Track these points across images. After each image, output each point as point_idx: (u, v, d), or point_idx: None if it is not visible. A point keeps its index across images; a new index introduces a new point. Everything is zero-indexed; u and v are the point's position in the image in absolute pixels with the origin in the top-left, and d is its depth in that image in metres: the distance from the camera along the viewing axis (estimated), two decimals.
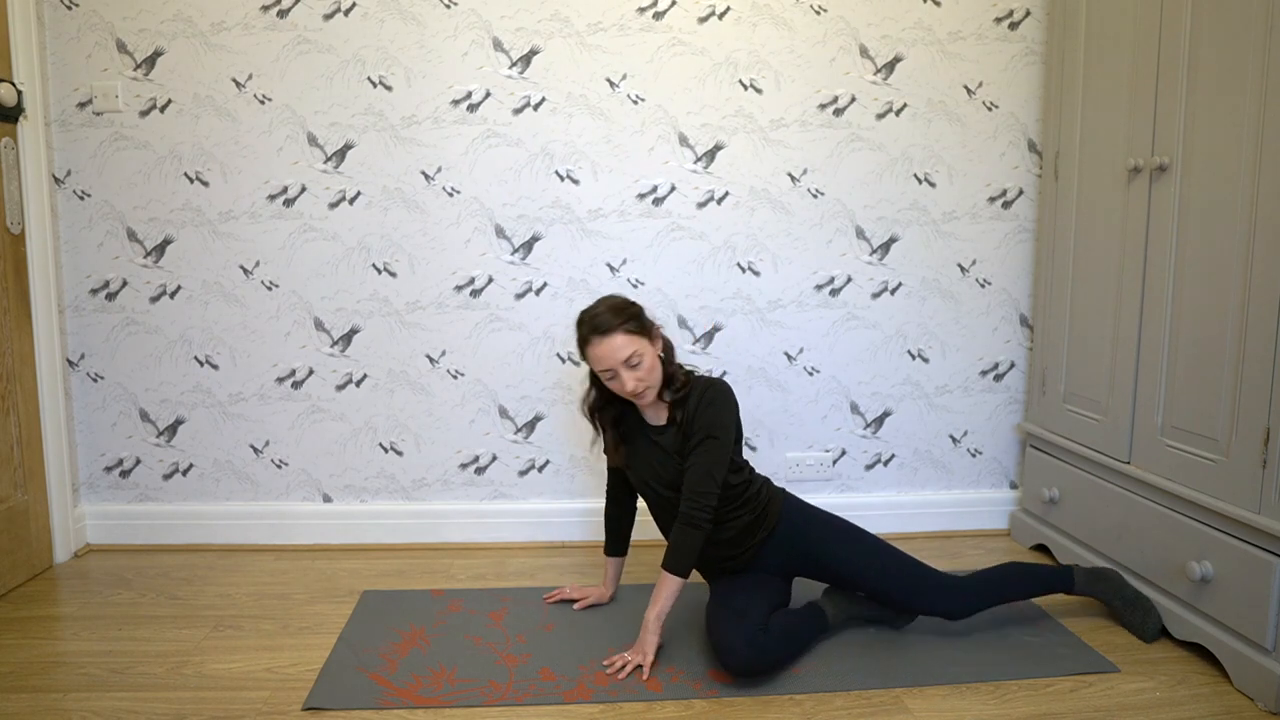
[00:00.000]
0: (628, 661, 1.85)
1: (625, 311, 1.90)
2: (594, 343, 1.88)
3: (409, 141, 2.52)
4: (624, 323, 1.88)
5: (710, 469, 1.86)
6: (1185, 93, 1.96)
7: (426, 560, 2.53)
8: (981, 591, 2.01)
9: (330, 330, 2.59)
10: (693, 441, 1.89)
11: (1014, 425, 2.77)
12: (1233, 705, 1.73)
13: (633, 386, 1.87)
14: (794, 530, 2.00)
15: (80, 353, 2.56)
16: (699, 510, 1.85)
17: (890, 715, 1.71)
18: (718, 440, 1.87)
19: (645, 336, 1.91)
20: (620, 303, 1.93)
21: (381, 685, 1.79)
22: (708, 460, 1.86)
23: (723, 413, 1.89)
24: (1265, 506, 1.72)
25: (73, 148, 2.47)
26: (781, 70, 2.57)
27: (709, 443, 1.87)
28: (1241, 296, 1.79)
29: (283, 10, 2.45)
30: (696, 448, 1.88)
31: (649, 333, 1.92)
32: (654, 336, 1.94)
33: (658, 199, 2.59)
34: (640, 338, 1.89)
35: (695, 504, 1.85)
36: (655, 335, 1.94)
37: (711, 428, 1.87)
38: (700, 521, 1.85)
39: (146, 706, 1.71)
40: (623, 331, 1.87)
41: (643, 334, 1.90)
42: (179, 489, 2.63)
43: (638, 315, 1.92)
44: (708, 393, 1.91)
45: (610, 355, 1.86)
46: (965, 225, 2.67)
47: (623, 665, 1.84)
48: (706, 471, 1.86)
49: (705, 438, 1.87)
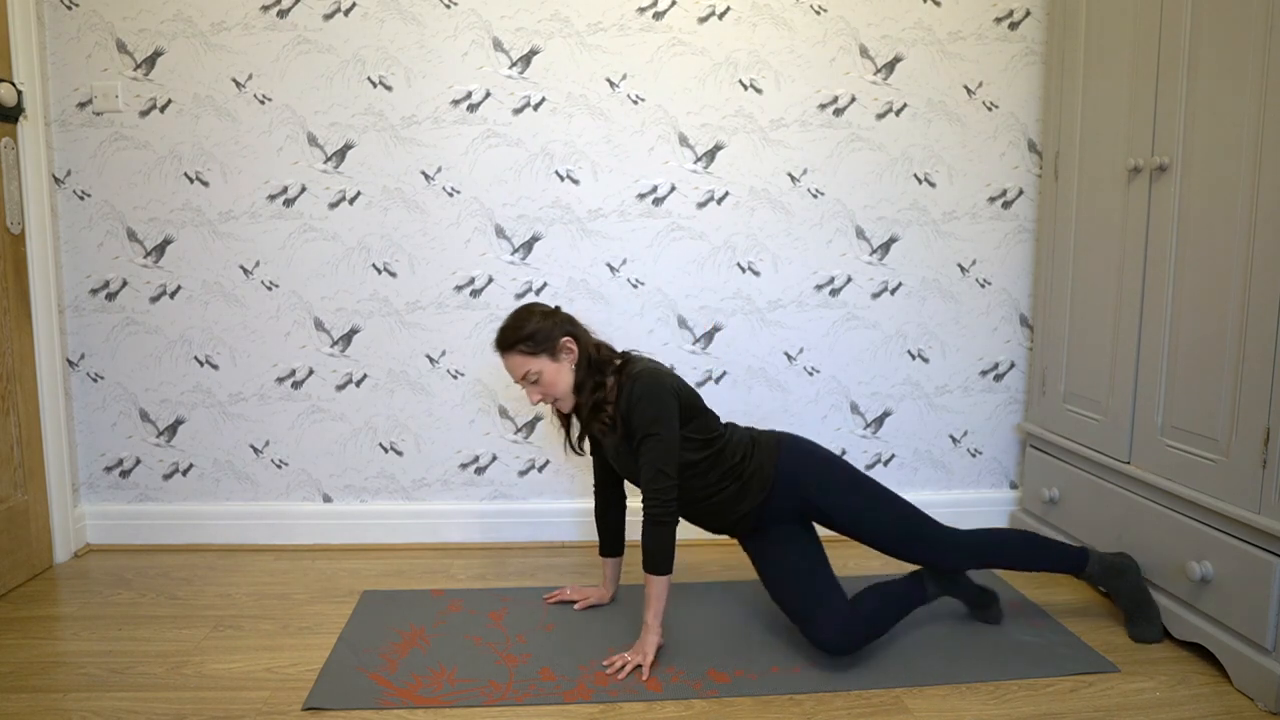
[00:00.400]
0: (627, 661, 1.85)
1: (521, 330, 1.94)
2: (500, 357, 1.98)
3: (409, 141, 2.52)
4: (517, 343, 1.94)
5: (658, 465, 1.85)
6: (1185, 93, 1.96)
7: (426, 560, 2.53)
8: (978, 550, 2.01)
9: (330, 330, 2.59)
10: (635, 443, 1.89)
11: (1014, 425, 2.77)
12: (1233, 705, 1.73)
13: (534, 400, 1.97)
14: (793, 485, 1.99)
15: (80, 353, 2.56)
16: (657, 506, 1.85)
17: (890, 715, 1.71)
18: (656, 436, 1.86)
19: (544, 354, 1.93)
20: (519, 320, 1.96)
21: (381, 685, 1.79)
22: (652, 457, 1.86)
23: (651, 407, 1.87)
24: (1265, 506, 1.72)
25: (73, 148, 2.47)
26: (781, 70, 2.57)
27: (649, 441, 1.86)
28: (1241, 296, 1.79)
29: (283, 10, 2.45)
30: (639, 448, 1.88)
31: (549, 349, 1.93)
32: (556, 351, 1.94)
33: (658, 199, 2.59)
34: (536, 357, 1.93)
35: (652, 501, 1.85)
36: (559, 349, 1.94)
37: (647, 426, 1.86)
38: (661, 517, 1.85)
39: (146, 706, 1.72)
40: (516, 352, 1.94)
41: (539, 353, 1.93)
42: (179, 489, 2.63)
43: (533, 335, 1.93)
44: (633, 392, 1.89)
45: (510, 371, 1.98)
46: (965, 225, 2.67)
47: (622, 665, 1.85)
48: (655, 469, 1.85)
49: (644, 437, 1.87)
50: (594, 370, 1.96)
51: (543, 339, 1.94)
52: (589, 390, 1.95)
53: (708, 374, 2.67)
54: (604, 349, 2.01)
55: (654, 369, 1.93)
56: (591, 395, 1.95)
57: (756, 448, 2.01)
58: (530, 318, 1.96)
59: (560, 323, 1.97)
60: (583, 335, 1.99)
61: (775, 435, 2.05)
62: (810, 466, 2.01)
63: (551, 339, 1.94)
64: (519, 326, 1.95)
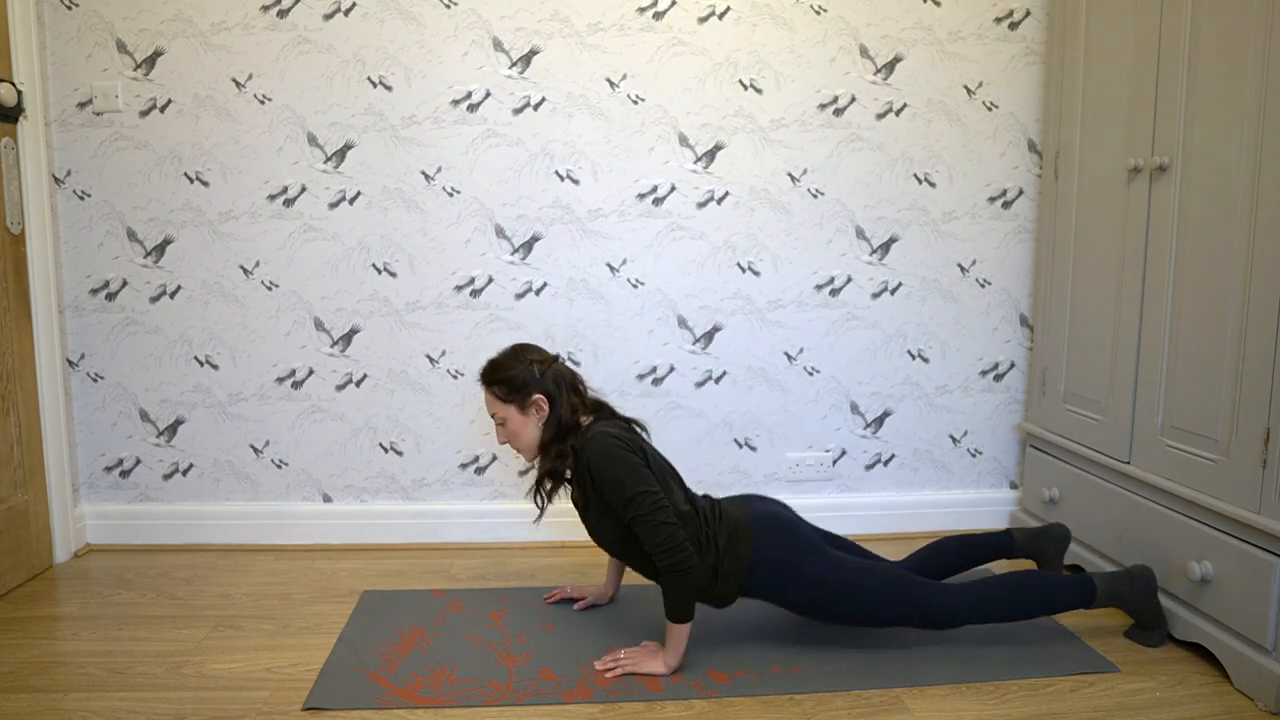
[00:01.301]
0: (620, 661, 1.84)
1: (500, 371, 1.93)
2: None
3: (409, 141, 2.52)
4: (494, 382, 1.93)
5: (653, 523, 1.76)
6: (1185, 93, 1.96)
7: (426, 560, 2.53)
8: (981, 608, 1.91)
9: (330, 330, 2.59)
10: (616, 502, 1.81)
11: (1014, 425, 2.77)
12: (1233, 705, 1.73)
13: (500, 440, 1.97)
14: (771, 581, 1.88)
15: (80, 353, 2.56)
16: (668, 557, 1.75)
17: (890, 715, 1.71)
18: (634, 499, 1.77)
19: (513, 404, 1.90)
20: (506, 360, 1.95)
21: (381, 685, 1.79)
22: (643, 517, 1.76)
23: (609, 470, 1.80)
24: (1265, 506, 1.72)
25: (73, 148, 2.47)
26: (781, 70, 2.57)
27: (631, 506, 1.78)
28: (1241, 296, 1.79)
29: (283, 10, 2.46)
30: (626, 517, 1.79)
31: (519, 400, 1.90)
32: (526, 405, 1.90)
33: (658, 199, 2.59)
34: (505, 403, 1.91)
35: (663, 556, 1.75)
36: (529, 404, 1.90)
37: (619, 495, 1.79)
38: (677, 566, 1.75)
39: (146, 706, 1.72)
40: (490, 390, 1.94)
41: (510, 400, 1.90)
42: (179, 489, 2.63)
43: (509, 380, 1.91)
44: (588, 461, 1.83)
45: (487, 407, 1.97)
46: (965, 225, 2.67)
47: (614, 664, 1.84)
48: (650, 526, 1.76)
49: (624, 505, 1.79)
50: (560, 436, 1.90)
51: (517, 388, 1.90)
52: (551, 455, 1.91)
53: (708, 374, 2.67)
54: (580, 412, 1.93)
55: (602, 433, 1.85)
56: (554, 459, 1.90)
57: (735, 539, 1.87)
58: (516, 362, 1.93)
59: (543, 378, 1.91)
60: (562, 397, 1.91)
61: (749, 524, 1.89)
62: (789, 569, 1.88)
63: (525, 391, 1.90)
64: (502, 366, 1.93)
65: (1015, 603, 1.93)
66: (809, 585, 1.88)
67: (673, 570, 1.76)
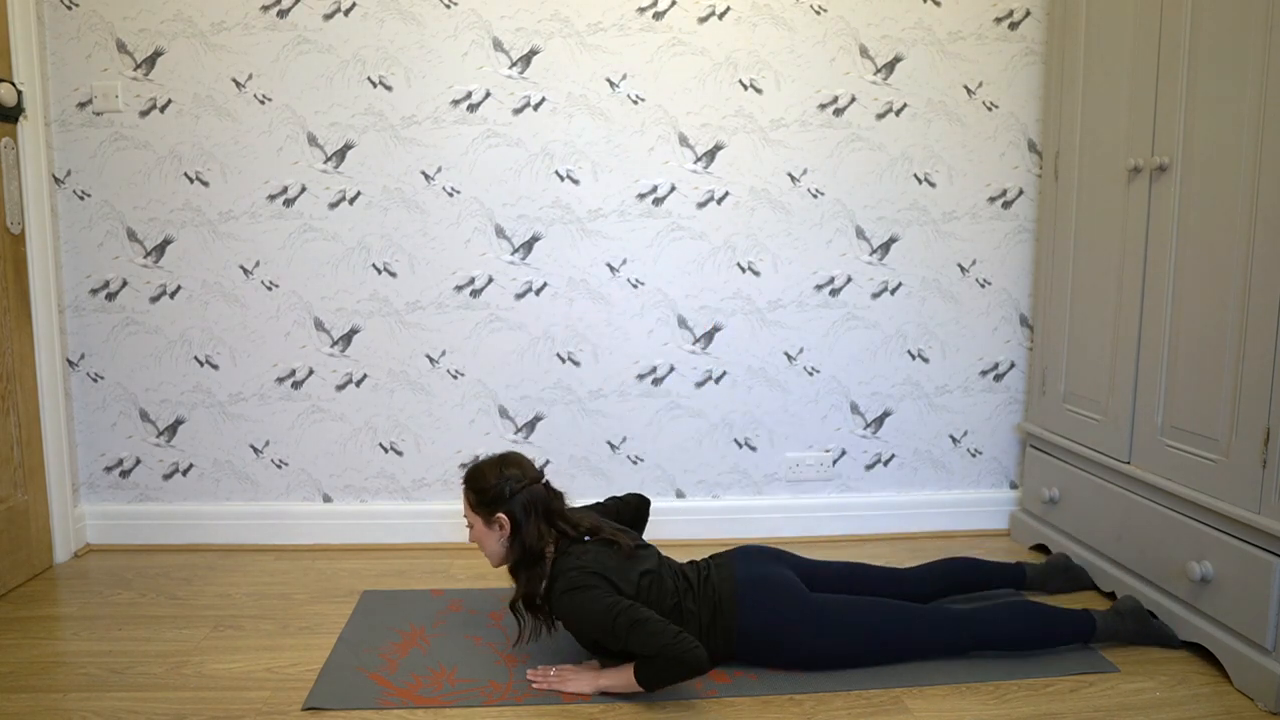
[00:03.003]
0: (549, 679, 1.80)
1: (477, 481, 1.89)
2: None
3: (409, 141, 2.52)
4: (469, 490, 1.91)
5: (646, 638, 1.67)
6: (1185, 93, 1.96)
7: (426, 560, 2.53)
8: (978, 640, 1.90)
9: (330, 330, 2.59)
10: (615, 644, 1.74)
11: (1014, 425, 2.77)
12: (1233, 705, 1.73)
13: (469, 540, 1.94)
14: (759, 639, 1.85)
15: (80, 353, 2.56)
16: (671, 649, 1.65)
17: (890, 715, 1.71)
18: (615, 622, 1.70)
19: (480, 514, 1.88)
20: (488, 468, 1.90)
21: (381, 685, 1.79)
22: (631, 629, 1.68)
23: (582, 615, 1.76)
24: (1265, 506, 1.72)
25: (73, 148, 2.47)
26: (781, 70, 2.57)
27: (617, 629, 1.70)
28: (1241, 296, 1.79)
29: (283, 10, 2.45)
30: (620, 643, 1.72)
31: (485, 513, 1.87)
32: (490, 520, 1.86)
33: (658, 199, 2.59)
34: (474, 511, 1.89)
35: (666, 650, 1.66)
36: (492, 520, 1.86)
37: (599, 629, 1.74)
38: (681, 656, 1.65)
39: (146, 706, 1.72)
40: (465, 497, 1.92)
41: (477, 510, 1.88)
42: (179, 489, 2.63)
43: (481, 490, 1.87)
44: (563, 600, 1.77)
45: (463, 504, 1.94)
46: (965, 225, 2.67)
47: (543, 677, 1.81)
48: (641, 635, 1.67)
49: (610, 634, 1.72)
50: (528, 560, 1.84)
51: (487, 500, 1.86)
52: (522, 580, 1.86)
53: (708, 374, 2.67)
54: (546, 540, 1.85)
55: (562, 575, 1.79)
56: (525, 585, 1.85)
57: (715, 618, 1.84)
58: (493, 474, 1.87)
59: (513, 498, 1.85)
60: (529, 523, 1.84)
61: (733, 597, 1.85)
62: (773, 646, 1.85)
63: (493, 506, 1.86)
64: (479, 475, 1.89)
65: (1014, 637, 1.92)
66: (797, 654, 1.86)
67: (675, 658, 1.66)
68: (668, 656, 1.65)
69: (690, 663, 1.65)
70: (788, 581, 1.89)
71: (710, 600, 1.85)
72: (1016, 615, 1.94)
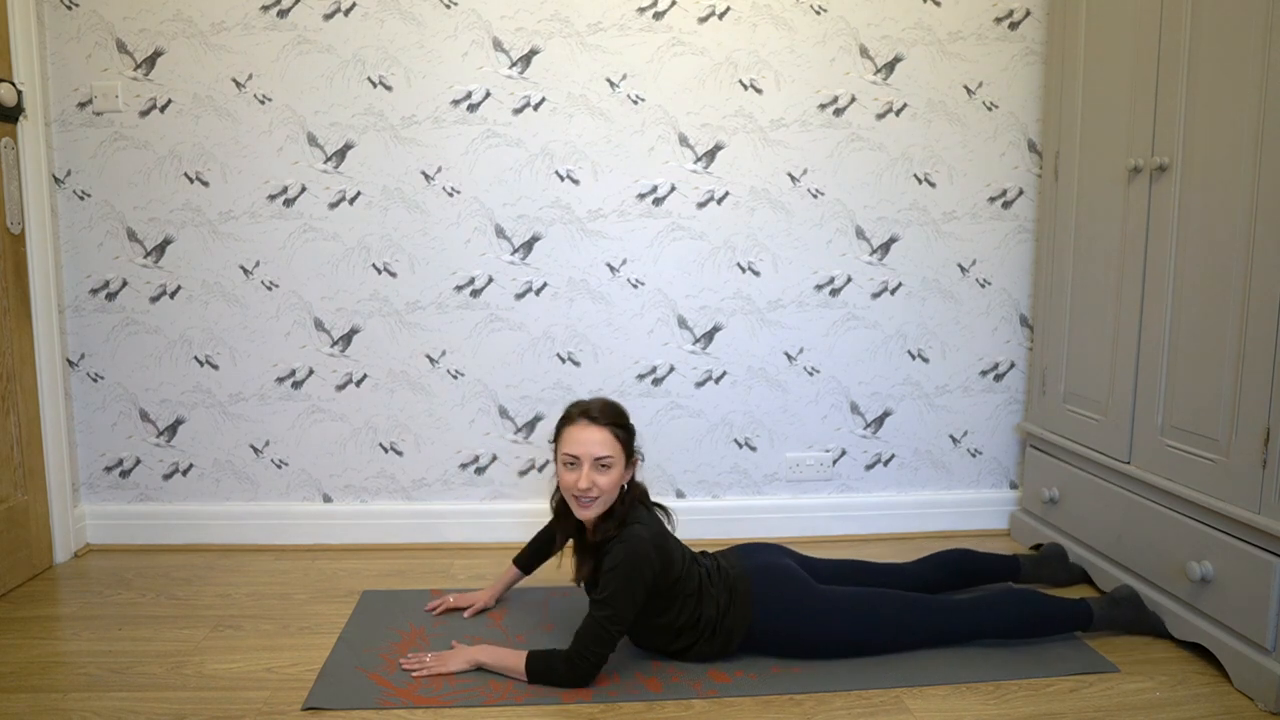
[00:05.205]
0: (426, 665, 1.84)
1: (623, 419, 1.89)
2: (580, 425, 1.84)
3: (409, 141, 2.52)
4: (617, 424, 1.86)
5: (600, 635, 1.74)
6: (1185, 93, 1.96)
7: (426, 560, 2.53)
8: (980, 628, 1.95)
9: (330, 330, 2.59)
10: (598, 593, 1.78)
11: (1014, 425, 2.77)
12: (1233, 705, 1.73)
13: (585, 485, 1.79)
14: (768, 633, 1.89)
15: (80, 353, 2.56)
16: (582, 661, 1.75)
17: (890, 715, 1.71)
18: (611, 613, 1.74)
19: (624, 453, 1.86)
20: (623, 411, 1.92)
21: (381, 685, 1.79)
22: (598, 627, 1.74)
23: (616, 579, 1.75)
24: (1265, 506, 1.72)
25: (73, 148, 2.47)
26: (781, 70, 2.57)
27: (602, 608, 1.75)
28: (1241, 296, 1.79)
29: (283, 10, 2.46)
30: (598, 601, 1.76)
31: (628, 455, 1.87)
32: (630, 463, 1.88)
33: (658, 199, 2.59)
34: (621, 448, 1.85)
35: (582, 655, 1.75)
36: (633, 463, 1.89)
37: (605, 591, 1.76)
38: (581, 671, 1.75)
39: (146, 706, 1.72)
40: (610, 430, 1.84)
41: (624, 448, 1.86)
42: (179, 489, 2.63)
43: (629, 429, 1.89)
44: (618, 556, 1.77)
45: (586, 444, 1.82)
46: (965, 225, 2.67)
47: (419, 665, 1.84)
48: (595, 635, 1.74)
49: (601, 602, 1.75)
50: (619, 506, 1.86)
51: (631, 441, 1.89)
52: (601, 528, 1.85)
53: (708, 374, 2.67)
54: (639, 491, 1.91)
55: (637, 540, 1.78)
56: (603, 533, 1.84)
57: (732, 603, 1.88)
58: (627, 416, 1.91)
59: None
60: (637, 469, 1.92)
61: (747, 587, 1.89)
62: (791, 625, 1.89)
63: (633, 448, 1.89)
64: (621, 413, 1.90)
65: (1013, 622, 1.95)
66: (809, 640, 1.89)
67: (572, 669, 1.75)
68: (578, 667, 1.75)
69: (581, 682, 1.77)
70: (795, 571, 1.95)
71: (727, 585, 1.90)
72: (1014, 602, 1.98)
